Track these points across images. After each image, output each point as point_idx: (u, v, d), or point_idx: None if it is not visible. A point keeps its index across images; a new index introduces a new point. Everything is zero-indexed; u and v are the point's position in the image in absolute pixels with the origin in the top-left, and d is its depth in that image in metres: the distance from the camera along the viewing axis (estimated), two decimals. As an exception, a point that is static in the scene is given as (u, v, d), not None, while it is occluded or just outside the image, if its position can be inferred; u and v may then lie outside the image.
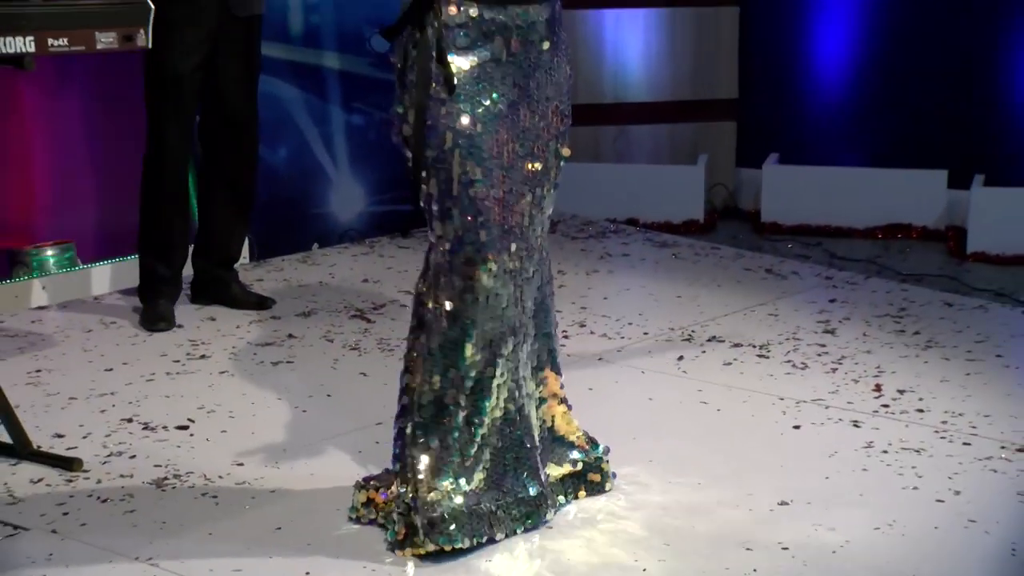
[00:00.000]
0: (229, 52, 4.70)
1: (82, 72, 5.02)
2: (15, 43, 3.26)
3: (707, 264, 5.56)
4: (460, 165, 2.92)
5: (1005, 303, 5.04)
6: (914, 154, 6.12)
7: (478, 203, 2.93)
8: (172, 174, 4.73)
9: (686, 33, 6.44)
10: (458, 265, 2.96)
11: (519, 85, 2.99)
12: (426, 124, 2.91)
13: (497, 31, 2.93)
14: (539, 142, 3.05)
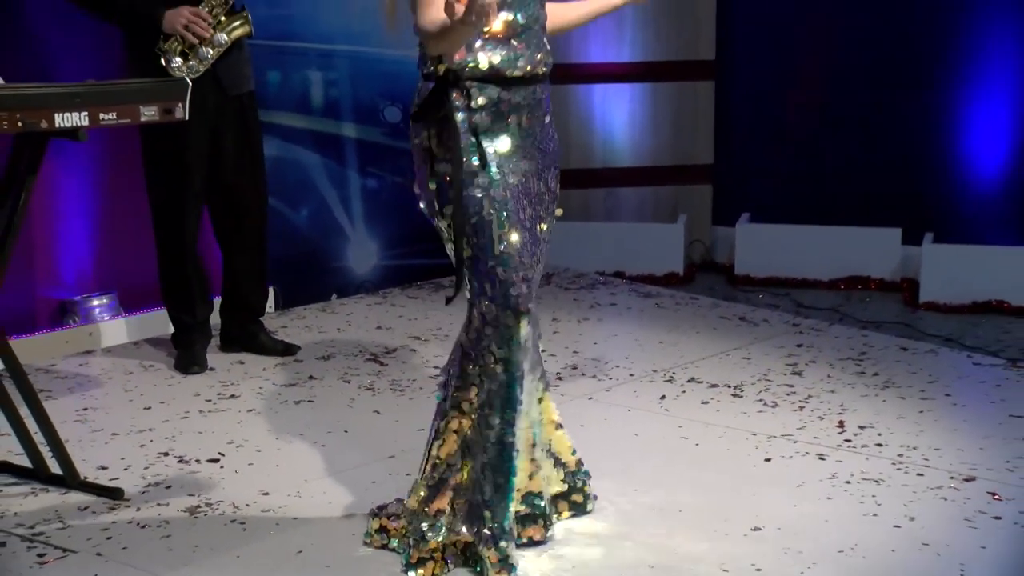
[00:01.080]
0: (228, 126, 4.68)
1: (122, 142, 5.03)
2: (71, 118, 3.29)
3: (686, 313, 5.56)
4: (498, 228, 2.96)
5: (954, 347, 5.05)
6: (871, 214, 6.13)
7: (515, 261, 2.97)
8: (189, 238, 4.72)
9: (666, 105, 6.47)
10: (504, 316, 2.99)
11: (529, 156, 3.04)
12: (463, 195, 2.94)
13: (512, 110, 2.98)
14: (543, 205, 3.10)
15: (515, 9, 2.91)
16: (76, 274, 5.06)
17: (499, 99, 2.96)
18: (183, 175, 4.62)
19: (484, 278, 2.99)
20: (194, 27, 4.43)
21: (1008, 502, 3.52)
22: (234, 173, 4.74)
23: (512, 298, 2.98)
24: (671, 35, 6.41)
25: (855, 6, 6.16)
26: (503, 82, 2.95)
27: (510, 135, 2.99)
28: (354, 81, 5.79)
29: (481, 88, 2.94)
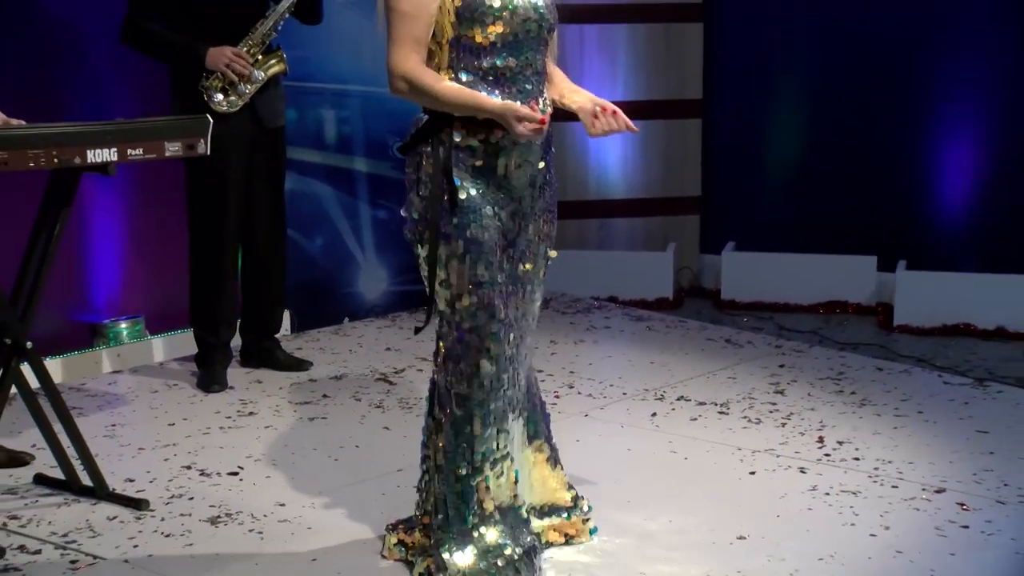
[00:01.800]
0: (261, 157, 4.72)
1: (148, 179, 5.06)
2: (102, 154, 3.31)
3: (676, 335, 5.57)
4: (470, 267, 2.87)
5: (926, 368, 5.05)
6: (849, 243, 6.14)
7: (484, 299, 2.88)
8: (223, 266, 4.74)
9: (657, 142, 6.48)
10: (466, 353, 2.91)
11: (516, 198, 2.94)
12: (440, 231, 2.87)
13: (498, 153, 2.88)
14: (531, 247, 3.01)
15: (507, 54, 2.83)
16: (105, 299, 5.07)
17: (486, 141, 2.86)
18: (222, 202, 4.65)
19: (452, 313, 2.91)
20: (234, 65, 4.47)
21: (975, 512, 3.52)
22: (263, 197, 4.77)
23: (477, 336, 2.89)
24: (661, 76, 6.43)
25: (832, 52, 6.19)
26: (491, 124, 2.84)
27: (493, 176, 2.89)
28: (365, 119, 5.81)
29: (467, 127, 2.85)
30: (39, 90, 4.70)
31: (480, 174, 2.87)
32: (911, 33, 5.95)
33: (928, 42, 5.91)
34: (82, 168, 3.34)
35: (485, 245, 2.86)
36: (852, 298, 6.08)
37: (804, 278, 6.12)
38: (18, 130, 3.27)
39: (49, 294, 3.66)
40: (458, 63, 2.84)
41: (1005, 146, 5.80)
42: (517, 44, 2.84)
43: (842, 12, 6.13)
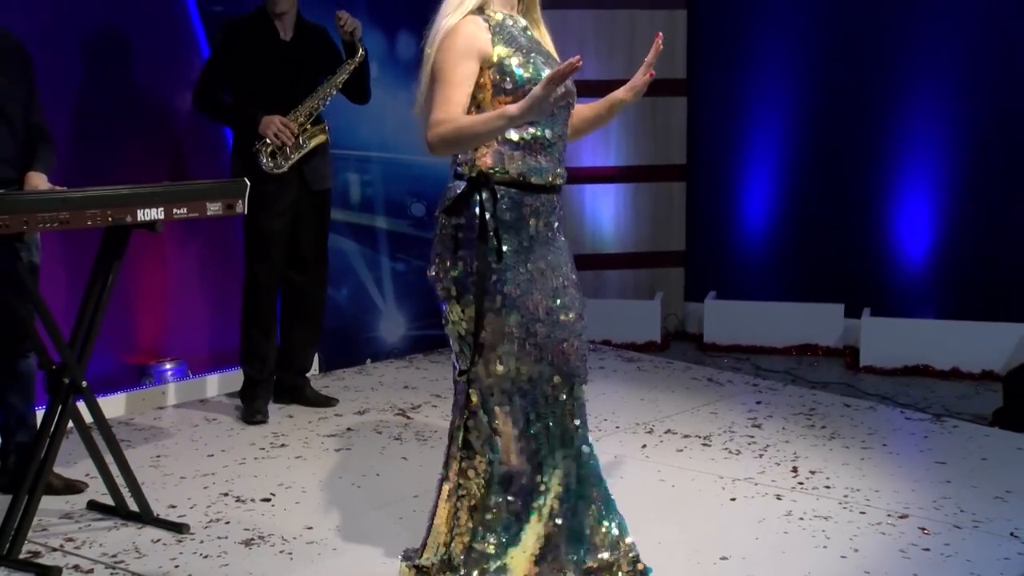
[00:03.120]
0: (307, 216, 4.76)
1: (192, 231, 5.07)
2: (149, 213, 3.31)
3: (663, 375, 5.55)
4: (506, 320, 2.77)
5: (889, 404, 5.03)
6: (819, 292, 6.14)
7: (516, 347, 2.77)
8: (264, 307, 4.76)
9: (645, 202, 6.50)
10: (499, 398, 2.79)
11: (544, 255, 2.83)
12: (483, 285, 2.76)
13: (532, 213, 2.81)
14: (567, 297, 2.85)
15: (545, 126, 2.78)
16: (152, 343, 5.06)
17: (522, 202, 2.79)
18: (268, 252, 4.67)
19: (487, 364, 2.80)
20: (281, 135, 4.50)
21: (935, 536, 3.49)
22: (308, 253, 4.80)
23: (509, 383, 2.78)
24: (649, 143, 6.46)
25: (801, 122, 6.21)
26: (526, 188, 2.79)
27: (527, 235, 2.81)
28: (386, 182, 5.83)
29: (507, 191, 2.78)
30: (107, 153, 4.72)
31: (514, 233, 2.80)
32: (871, 98, 5.97)
33: (887, 106, 5.93)
34: (132, 226, 3.35)
35: (519, 299, 2.78)
36: (822, 341, 6.06)
37: (778, 323, 6.12)
38: (78, 192, 3.28)
39: (103, 337, 3.65)
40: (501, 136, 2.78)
41: (959, 206, 5.81)
42: (552, 117, 2.80)
43: (808, 87, 6.17)
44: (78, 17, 4.68)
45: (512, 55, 2.73)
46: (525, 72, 2.72)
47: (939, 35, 5.75)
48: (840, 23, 6.04)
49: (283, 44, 4.63)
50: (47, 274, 3.96)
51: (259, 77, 4.58)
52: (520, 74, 2.72)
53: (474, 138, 2.69)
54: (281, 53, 4.62)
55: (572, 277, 2.91)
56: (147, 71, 4.89)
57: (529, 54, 2.76)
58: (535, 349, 2.79)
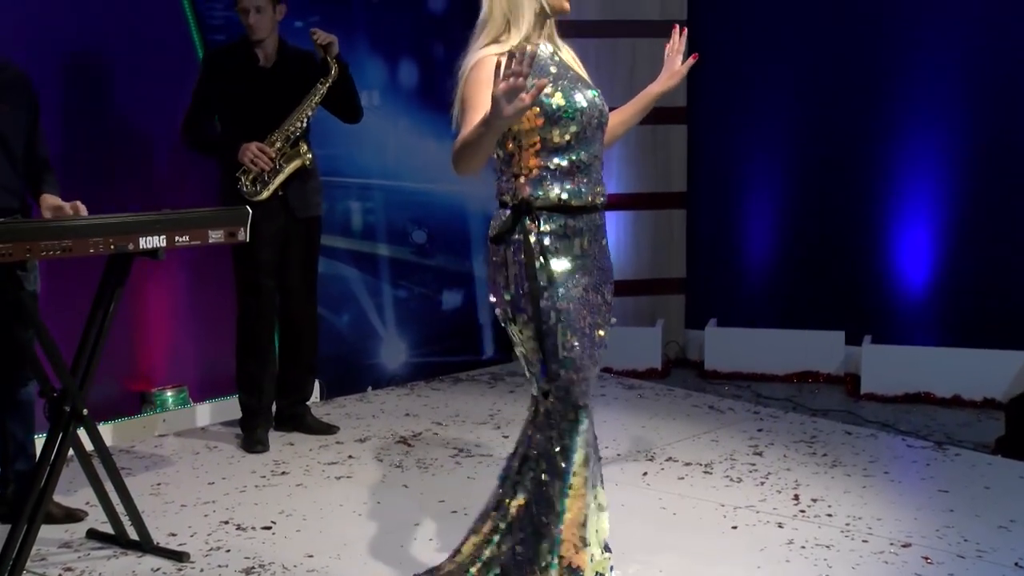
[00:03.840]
0: (294, 245, 4.75)
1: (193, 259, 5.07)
2: (152, 240, 3.32)
3: (664, 402, 5.54)
4: (563, 335, 2.84)
5: (890, 432, 5.01)
6: (819, 319, 6.14)
7: (577, 363, 2.86)
8: (259, 338, 4.74)
9: (646, 230, 6.51)
10: (567, 412, 2.87)
11: (589, 273, 2.93)
12: (538, 306, 2.85)
13: (575, 234, 2.89)
14: (600, 314, 2.97)
15: (580, 149, 2.87)
16: (153, 370, 5.05)
17: (565, 225, 2.88)
18: (257, 282, 4.67)
19: (551, 378, 2.87)
20: (257, 160, 4.50)
21: (939, 565, 3.47)
22: (297, 280, 4.79)
23: (574, 396, 2.86)
24: (649, 171, 6.47)
25: (801, 146, 6.23)
26: (568, 211, 2.87)
27: (573, 256, 2.89)
28: (387, 210, 5.84)
29: (549, 216, 2.86)
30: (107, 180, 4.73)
31: (562, 253, 2.88)
32: (871, 125, 5.99)
33: (886, 133, 5.95)
34: (135, 253, 3.35)
35: (572, 315, 2.86)
36: (823, 369, 6.05)
37: (779, 351, 6.10)
38: (81, 220, 3.29)
39: (103, 365, 3.65)
40: (538, 160, 2.87)
41: (959, 234, 5.81)
42: (587, 139, 2.89)
43: (808, 115, 6.18)
44: (80, 46, 4.70)
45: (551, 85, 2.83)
46: (554, 99, 2.82)
47: (937, 64, 5.77)
48: (839, 52, 6.06)
49: (263, 71, 4.63)
50: (48, 301, 3.96)
51: (240, 105, 4.58)
52: (549, 101, 2.82)
53: (470, 148, 2.72)
54: (261, 80, 4.61)
55: (608, 297, 3.01)
56: (148, 101, 4.90)
57: (558, 80, 2.86)
58: (588, 361, 2.88)
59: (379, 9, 5.72)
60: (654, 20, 6.32)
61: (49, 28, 4.58)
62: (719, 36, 6.40)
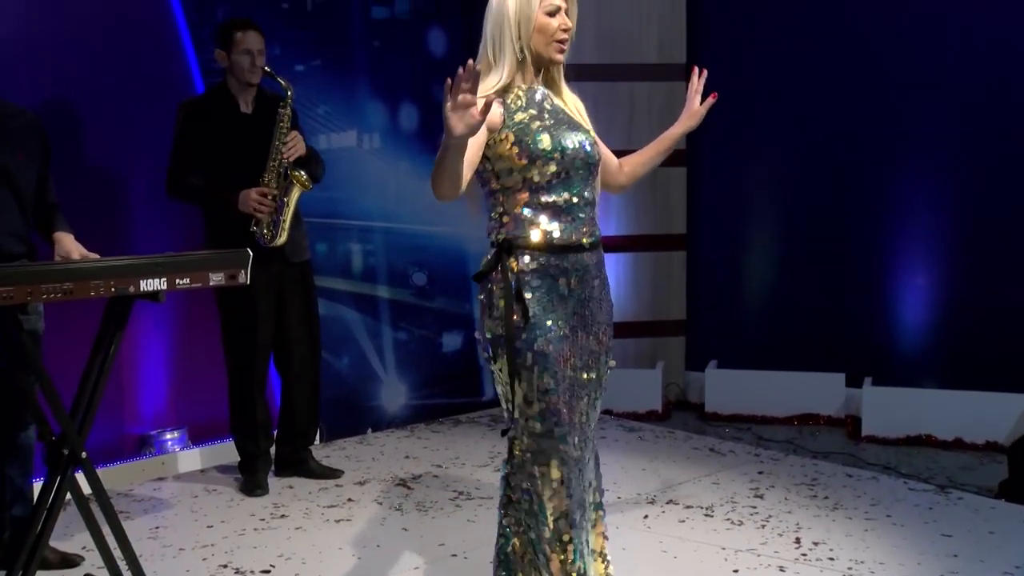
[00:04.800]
0: (291, 290, 4.74)
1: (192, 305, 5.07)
2: (152, 283, 3.32)
3: (664, 444, 5.52)
4: (539, 377, 2.83)
5: (892, 475, 4.99)
6: (819, 361, 6.13)
7: (551, 406, 2.84)
8: (254, 386, 4.72)
9: (646, 271, 6.51)
10: (537, 455, 2.85)
11: (578, 313, 2.91)
12: (512, 345, 2.84)
13: (560, 273, 2.87)
14: (592, 356, 2.95)
15: (562, 189, 2.87)
16: (153, 412, 5.04)
17: (547, 264, 2.86)
18: (253, 329, 4.65)
19: (526, 421, 2.86)
20: (261, 205, 4.49)
21: (943, 609, 3.44)
22: (296, 324, 4.77)
23: (542, 443, 2.84)
24: (649, 213, 6.48)
25: (800, 191, 6.25)
26: (550, 250, 2.86)
27: (556, 296, 2.87)
28: (387, 252, 5.85)
29: (531, 255, 2.86)
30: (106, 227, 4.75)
31: (543, 293, 2.87)
32: (870, 167, 6.00)
33: (886, 175, 5.96)
34: (135, 296, 3.35)
35: (550, 357, 2.84)
36: (823, 411, 6.03)
37: (780, 393, 6.09)
38: (81, 263, 3.29)
39: (103, 408, 3.64)
40: (521, 199, 2.88)
41: (960, 275, 5.81)
42: (571, 180, 2.89)
43: (806, 155, 6.20)
44: (82, 89, 4.73)
45: (528, 126, 2.85)
46: (550, 143, 2.84)
47: (936, 105, 5.80)
48: (838, 94, 6.09)
49: (244, 117, 4.61)
50: (48, 343, 3.95)
51: (225, 153, 4.55)
52: (537, 143, 2.83)
53: (436, 170, 2.68)
54: (245, 126, 4.59)
55: (604, 339, 2.99)
56: (149, 144, 4.92)
57: (548, 123, 2.88)
58: (565, 408, 2.86)
59: (380, 52, 5.76)
60: (652, 63, 6.36)
61: (51, 69, 4.61)
62: (718, 79, 6.39)
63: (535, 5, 2.86)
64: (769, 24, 6.26)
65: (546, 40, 2.88)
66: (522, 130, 2.84)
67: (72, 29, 4.66)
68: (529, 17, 2.86)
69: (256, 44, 4.55)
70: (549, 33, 2.88)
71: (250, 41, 4.54)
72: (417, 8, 5.89)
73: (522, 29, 2.86)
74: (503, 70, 2.87)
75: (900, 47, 5.88)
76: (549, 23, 2.87)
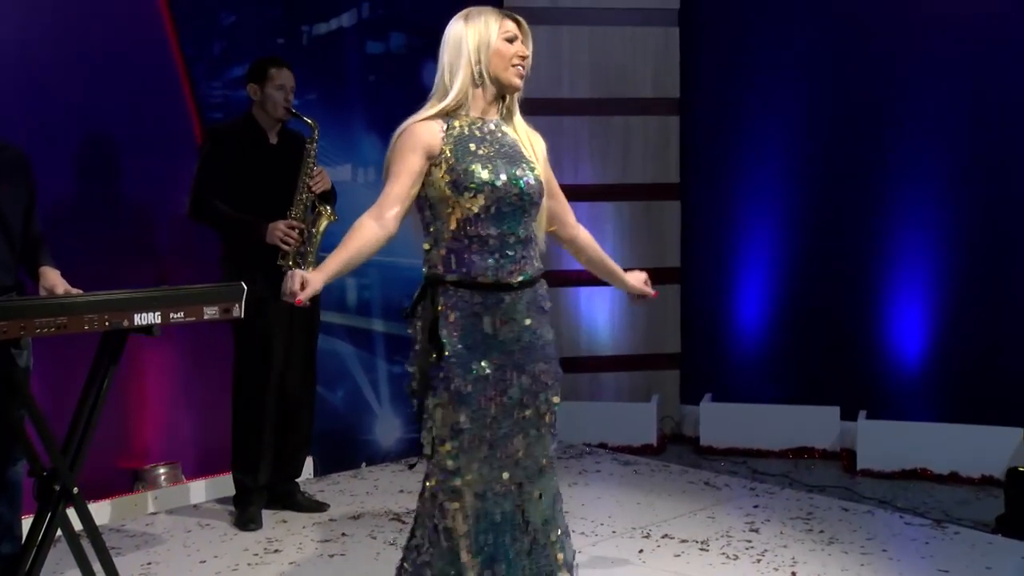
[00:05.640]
0: (299, 320, 4.75)
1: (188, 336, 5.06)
2: (147, 317, 3.32)
3: (660, 478, 5.50)
4: (454, 415, 2.82)
5: (887, 509, 4.97)
6: (814, 394, 6.12)
7: (466, 443, 2.82)
8: (259, 414, 4.71)
9: (641, 304, 6.49)
10: (450, 491, 2.84)
11: (508, 352, 2.87)
12: (429, 383, 2.84)
13: (484, 312, 2.84)
14: (528, 394, 2.89)
15: (491, 225, 2.84)
16: (146, 447, 5.02)
17: (470, 301, 2.84)
18: (267, 358, 4.65)
19: (440, 458, 2.84)
20: (286, 238, 4.51)
21: (940, 645, 3.42)
22: (299, 356, 4.78)
23: (458, 476, 2.82)
24: (643, 246, 6.49)
25: (793, 225, 6.26)
26: (475, 287, 2.84)
27: (479, 334, 2.84)
28: (383, 285, 5.85)
29: (456, 291, 2.84)
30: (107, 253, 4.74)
31: (468, 331, 2.84)
32: (864, 201, 6.02)
33: (879, 209, 5.98)
34: (129, 330, 3.34)
35: (469, 396, 2.81)
36: (818, 444, 6.02)
37: (775, 426, 6.08)
38: (75, 298, 3.28)
39: (96, 442, 3.62)
40: (450, 232, 2.87)
41: (955, 308, 5.82)
42: (502, 216, 2.86)
43: (799, 189, 6.22)
44: (76, 122, 4.73)
45: (467, 156, 2.85)
46: (482, 174, 2.83)
47: (933, 137, 5.81)
48: (832, 130, 6.12)
49: (272, 148, 4.68)
50: (40, 377, 3.94)
51: (252, 181, 4.60)
52: (470, 174, 2.83)
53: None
54: (272, 157, 4.66)
55: (541, 376, 2.92)
56: (144, 177, 4.93)
57: (487, 155, 2.87)
58: (485, 445, 2.82)
59: (375, 86, 5.78)
60: (647, 98, 6.39)
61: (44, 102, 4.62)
62: (712, 113, 6.47)
63: (494, 31, 2.90)
64: (763, 59, 6.30)
65: (504, 64, 2.90)
66: (458, 159, 2.83)
67: (66, 62, 4.66)
68: (488, 42, 2.89)
69: (289, 81, 4.66)
70: (507, 57, 2.90)
71: (284, 78, 4.64)
72: (412, 43, 5.92)
73: (481, 53, 2.89)
74: (453, 91, 2.89)
75: (896, 86, 5.91)
76: (507, 47, 2.90)
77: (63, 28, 4.66)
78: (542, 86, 6.20)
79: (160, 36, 4.97)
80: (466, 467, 2.82)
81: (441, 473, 2.84)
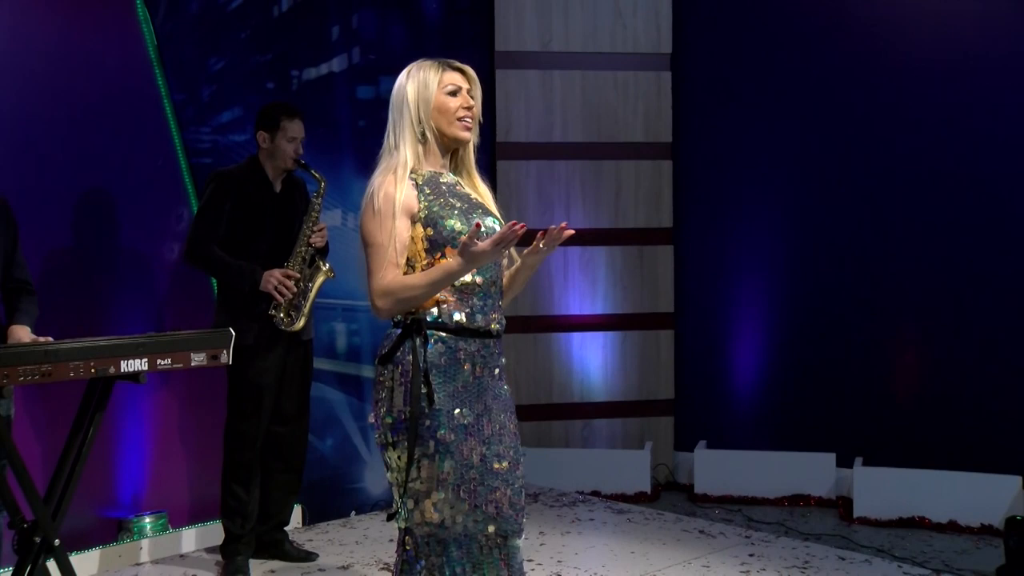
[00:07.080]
0: (292, 367, 4.73)
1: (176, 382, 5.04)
2: (134, 364, 3.30)
3: (654, 526, 5.46)
4: (439, 466, 2.76)
5: (885, 557, 4.93)
6: (810, 441, 6.10)
7: (450, 495, 2.77)
8: (249, 462, 4.67)
9: (634, 350, 6.51)
10: (435, 545, 2.80)
11: (482, 402, 2.84)
12: (416, 433, 2.76)
13: (467, 358, 2.82)
14: (502, 446, 2.85)
15: (475, 273, 2.82)
16: (131, 496, 4.97)
17: (455, 348, 2.80)
18: (259, 404, 4.61)
19: (423, 511, 2.79)
20: (280, 288, 4.50)
21: None
22: (291, 403, 4.75)
23: (444, 531, 2.78)
24: (636, 292, 6.50)
25: (785, 271, 6.27)
26: (460, 333, 2.81)
27: (462, 381, 2.81)
28: (372, 331, 5.84)
29: (440, 337, 2.80)
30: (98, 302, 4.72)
31: (451, 378, 2.81)
32: (857, 247, 6.04)
33: (873, 255, 5.99)
34: (115, 377, 3.32)
35: (452, 445, 2.77)
36: (814, 492, 5.99)
37: (770, 473, 6.05)
38: (61, 344, 3.26)
39: (79, 491, 3.58)
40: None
41: (951, 356, 5.81)
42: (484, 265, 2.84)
43: (792, 233, 6.24)
44: (66, 171, 4.73)
45: (442, 208, 2.82)
46: (456, 224, 2.81)
47: (922, 186, 5.85)
48: (823, 175, 6.15)
49: (276, 196, 4.68)
50: (23, 425, 3.90)
51: (252, 227, 4.59)
52: (451, 225, 2.80)
53: (421, 297, 2.76)
54: (275, 204, 4.66)
55: (509, 426, 2.90)
56: (133, 222, 4.93)
57: (460, 207, 2.85)
58: (469, 496, 2.78)
59: (364, 131, 5.81)
60: (639, 142, 6.43)
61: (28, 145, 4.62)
62: (704, 159, 6.50)
63: (433, 87, 2.87)
64: (754, 106, 6.34)
65: (448, 120, 2.88)
66: (435, 213, 2.80)
67: (53, 108, 4.67)
68: (428, 99, 2.86)
69: (300, 132, 4.66)
70: (451, 112, 2.87)
71: (295, 130, 4.65)
72: (403, 88, 5.95)
73: (422, 111, 2.86)
74: (401, 153, 2.85)
75: (881, 128, 5.95)
76: (449, 101, 2.88)
77: (52, 75, 4.67)
78: (534, 130, 6.23)
79: (149, 81, 4.99)
80: (452, 519, 2.78)
81: (425, 526, 2.79)
